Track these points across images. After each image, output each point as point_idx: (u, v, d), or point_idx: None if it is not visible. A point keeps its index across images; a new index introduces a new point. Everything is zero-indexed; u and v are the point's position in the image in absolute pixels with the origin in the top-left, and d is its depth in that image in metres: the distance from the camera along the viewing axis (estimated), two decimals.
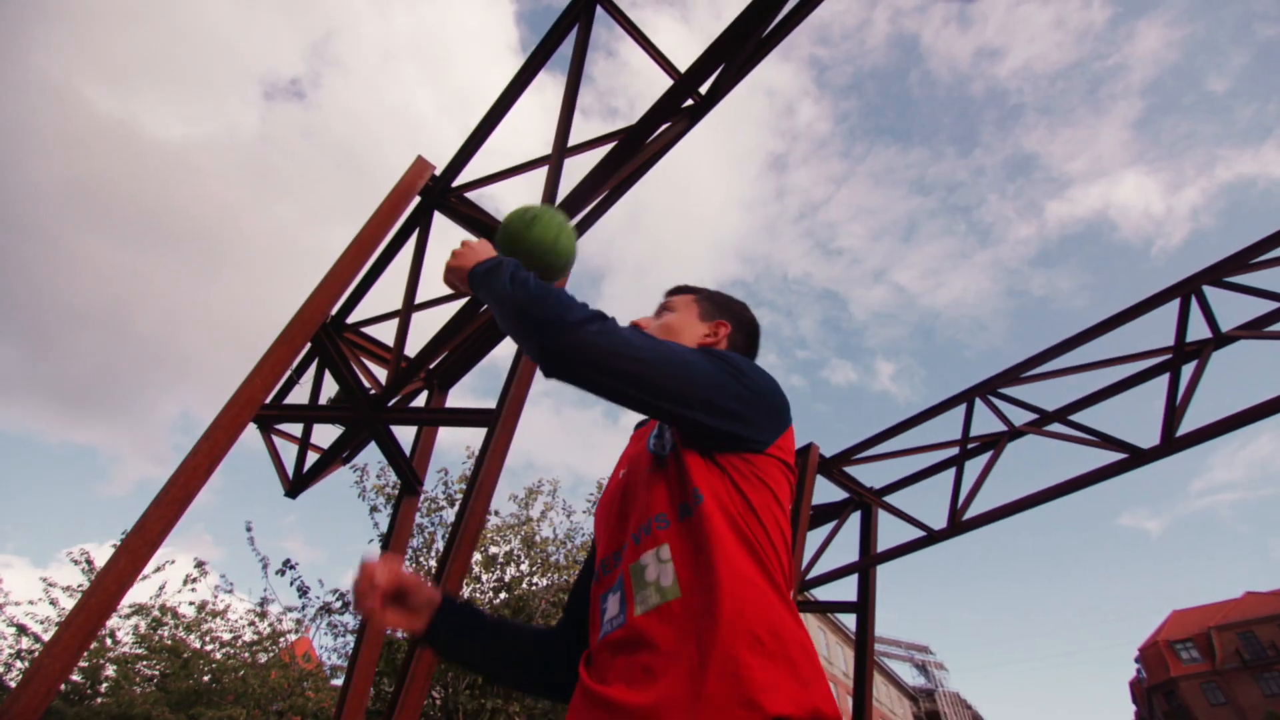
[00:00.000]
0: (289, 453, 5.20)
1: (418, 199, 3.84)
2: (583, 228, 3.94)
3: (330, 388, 4.88)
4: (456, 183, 3.85)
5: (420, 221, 3.92)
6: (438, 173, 3.86)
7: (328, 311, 3.51)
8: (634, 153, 3.18)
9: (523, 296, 0.98)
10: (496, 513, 6.84)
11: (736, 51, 2.91)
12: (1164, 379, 4.80)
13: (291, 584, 6.08)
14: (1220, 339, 4.64)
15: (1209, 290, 4.58)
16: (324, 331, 3.91)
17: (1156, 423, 4.61)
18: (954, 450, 5.61)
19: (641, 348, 0.94)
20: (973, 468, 5.58)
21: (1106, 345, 5.48)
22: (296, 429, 5.20)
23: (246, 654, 11.98)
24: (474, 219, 3.79)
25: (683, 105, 3.29)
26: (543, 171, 3.52)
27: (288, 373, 4.43)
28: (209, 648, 11.82)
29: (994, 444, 5.55)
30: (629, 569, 0.94)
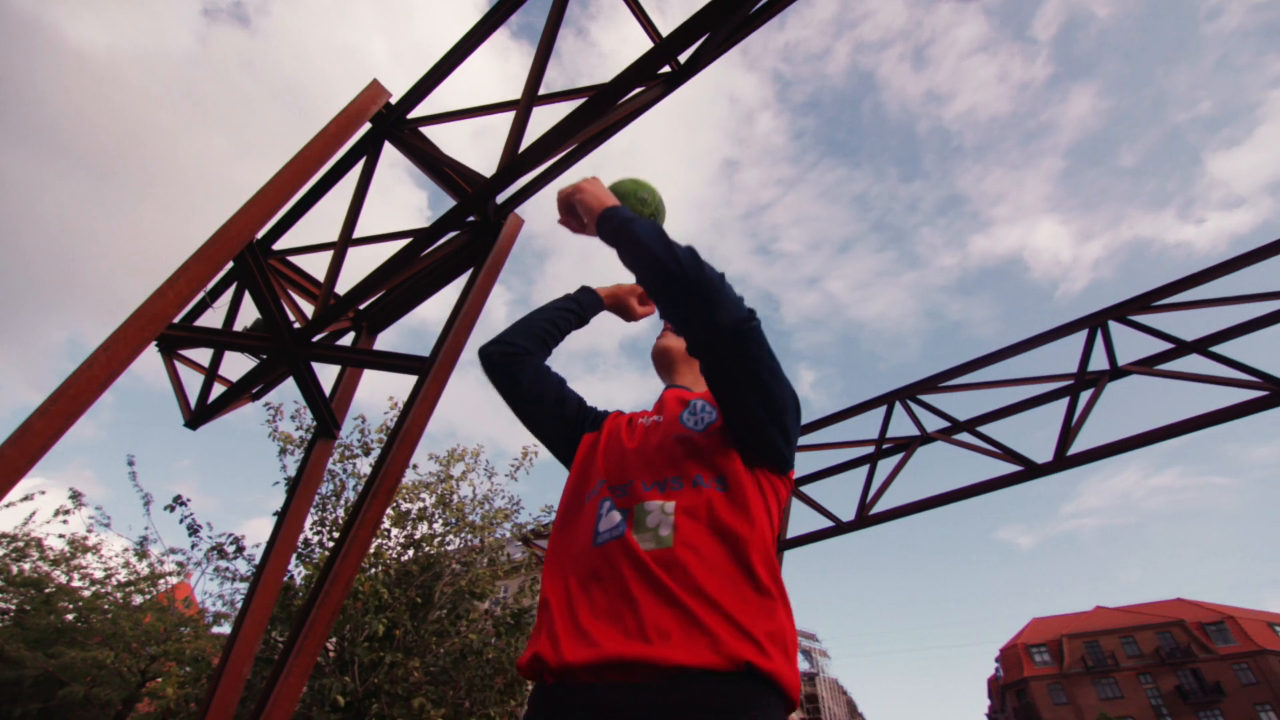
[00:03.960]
0: (193, 383, 4.83)
1: (368, 125, 3.61)
2: (541, 184, 3.83)
3: (246, 317, 4.56)
4: (413, 115, 3.64)
5: (368, 150, 3.69)
6: (393, 101, 3.64)
7: (256, 232, 3.25)
8: (604, 112, 3.09)
9: (696, 266, 1.03)
10: (415, 467, 6.64)
11: (722, 23, 2.87)
12: (1063, 402, 5.24)
13: (181, 521, 5.69)
14: (1116, 371, 5.06)
15: (1113, 325, 4.97)
16: (249, 253, 3.63)
17: (1049, 441, 5.02)
18: (869, 449, 5.89)
19: (774, 357, 1.06)
20: (884, 467, 5.88)
21: (1016, 366, 5.90)
22: (204, 356, 4.84)
23: (119, 594, 11.20)
24: (428, 155, 3.60)
25: (659, 71, 3.22)
26: (502, 118, 3.39)
27: (202, 293, 4.10)
28: (78, 584, 10.97)
29: (906, 446, 5.86)
30: (635, 507, 1.04)
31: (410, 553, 6.05)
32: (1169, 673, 38.07)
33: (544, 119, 3.20)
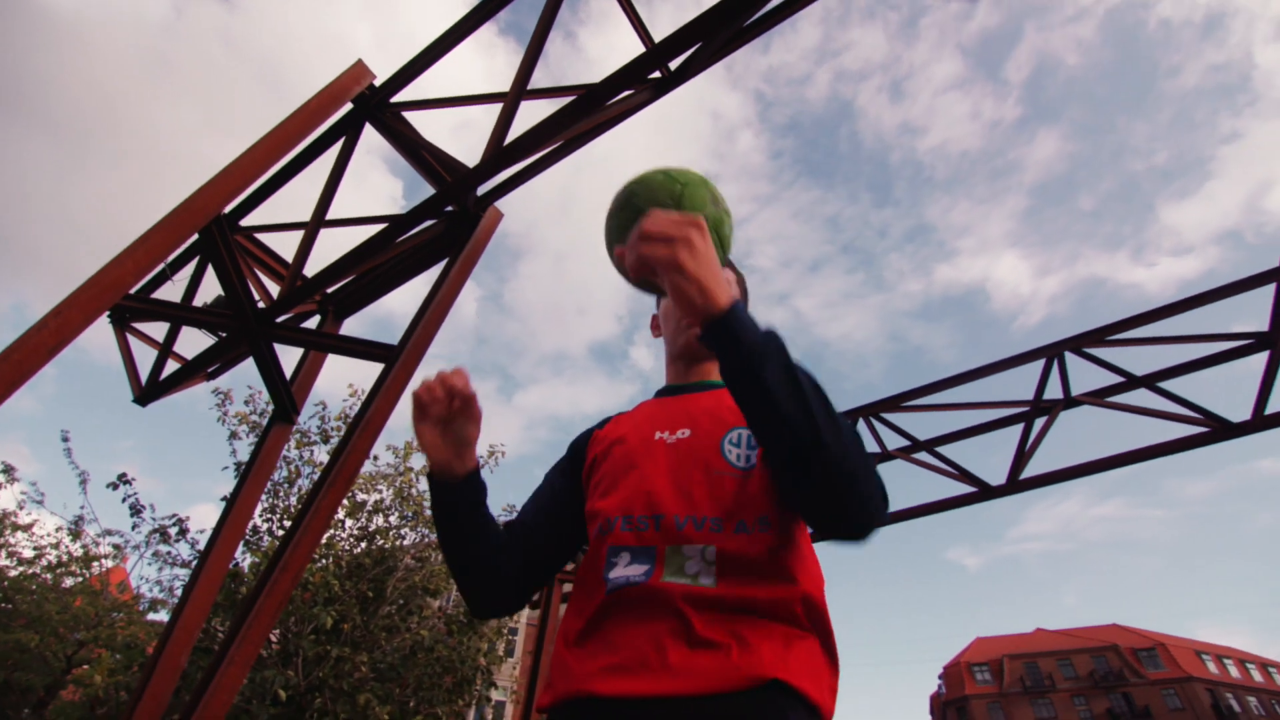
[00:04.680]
0: (145, 359, 4.65)
1: (350, 105, 3.54)
2: (523, 178, 3.80)
3: (208, 294, 4.41)
4: (396, 99, 3.59)
5: (348, 131, 3.62)
6: (377, 83, 3.58)
7: (224, 205, 3.15)
8: (592, 111, 3.09)
9: (850, 452, 0.77)
10: (375, 459, 6.51)
11: (715, 34, 2.90)
12: (1015, 428, 5.42)
13: (124, 500, 5.45)
14: (1069, 401, 5.24)
15: (1069, 357, 5.16)
16: (215, 226, 3.52)
17: (999, 464, 5.20)
18: None
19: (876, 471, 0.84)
20: None
21: (975, 390, 6.08)
22: (158, 331, 4.67)
23: (49, 575, 10.68)
24: (409, 140, 3.54)
25: (650, 76, 3.24)
26: (486, 114, 3.36)
27: (163, 265, 3.96)
28: (4, 563, 10.43)
29: None
30: (666, 549, 0.87)
31: (364, 545, 5.91)
32: (1101, 695, 39.44)
33: (529, 116, 3.18)
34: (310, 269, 4.00)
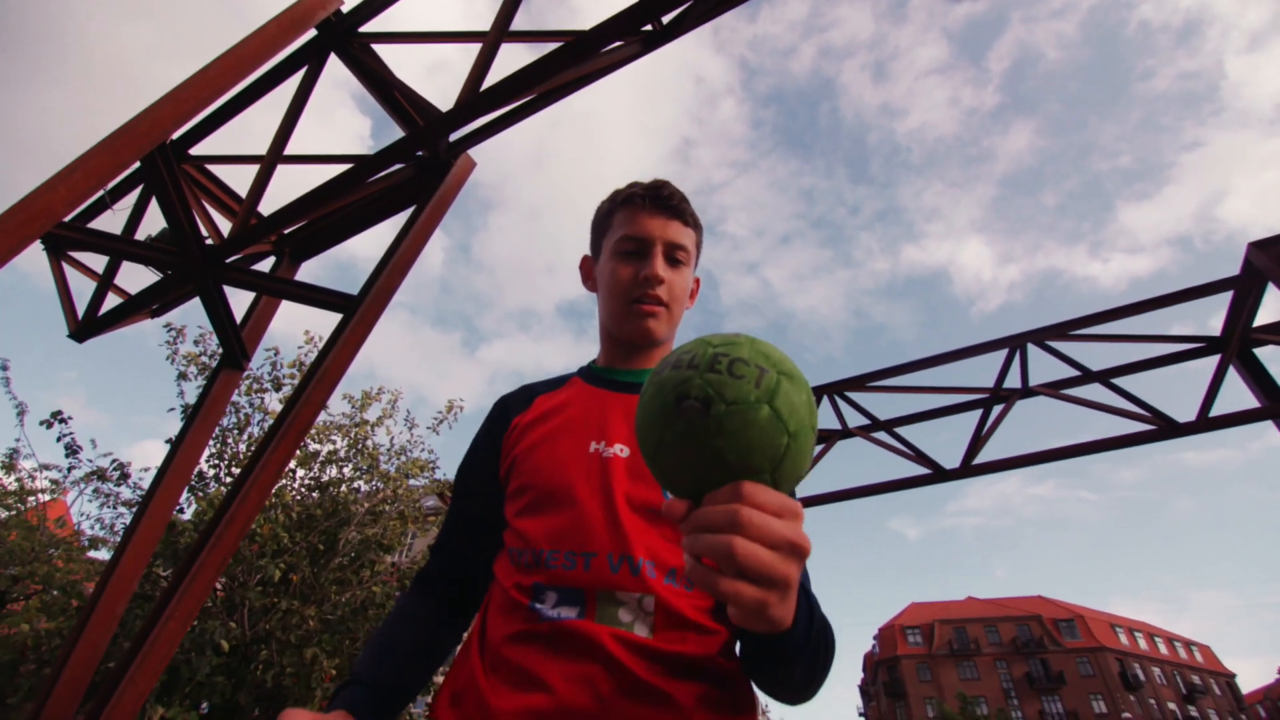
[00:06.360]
0: (83, 290, 4.35)
1: (313, 32, 3.27)
2: (499, 127, 3.60)
3: (152, 225, 4.13)
4: (365, 29, 3.32)
5: (311, 59, 3.35)
6: (344, 9, 3.31)
7: (172, 131, 2.89)
8: (579, 61, 2.91)
9: (825, 676, 0.73)
10: (329, 409, 6.30)
11: None
12: (972, 413, 5.56)
13: (59, 440, 5.16)
14: (1027, 390, 5.37)
15: (1031, 348, 5.26)
16: (161, 153, 3.25)
17: (946, 447, 5.34)
18: None
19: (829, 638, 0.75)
20: None
21: (933, 374, 6.18)
22: (99, 263, 4.36)
23: None
24: (379, 76, 3.30)
25: (641, 29, 3.06)
26: (462, 57, 3.14)
27: (102, 192, 3.67)
28: None
29: (827, 439, 6.05)
30: (598, 593, 0.79)
31: (316, 495, 5.77)
32: (1021, 660, 42.25)
33: (509, 61, 2.99)
34: (268, 207, 3.76)
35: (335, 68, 3.45)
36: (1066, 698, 40.13)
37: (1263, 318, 4.69)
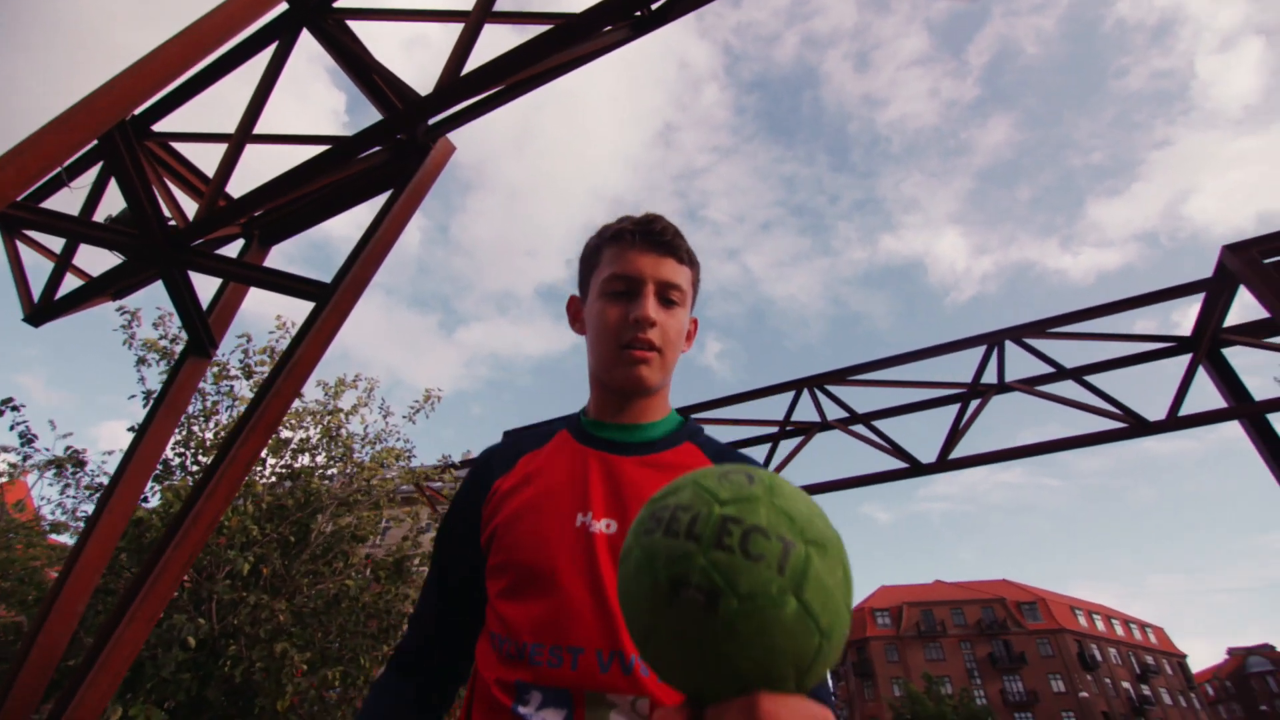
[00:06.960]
0: (40, 270, 4.15)
1: (285, 6, 3.11)
2: (480, 111, 3.49)
3: (113, 205, 3.93)
4: (341, 3, 3.17)
5: (282, 35, 3.19)
6: None
7: (133, 107, 2.73)
8: (565, 45, 2.81)
9: None
10: (302, 396, 6.14)
11: None
12: (949, 408, 5.64)
13: (12, 428, 4.94)
14: (1003, 387, 5.43)
15: (1008, 345, 5.31)
16: (120, 130, 3.08)
17: (920, 441, 5.41)
18: (773, 429, 6.06)
19: None
20: (784, 448, 6.08)
21: (909, 369, 6.24)
22: (57, 244, 4.16)
23: None
24: (354, 56, 3.16)
25: (631, 14, 2.96)
26: (443, 35, 3.01)
27: (59, 169, 3.48)
28: None
29: (806, 430, 6.08)
30: (586, 695, 0.71)
31: (286, 485, 5.63)
32: (985, 641, 43.59)
33: (491, 43, 2.88)
34: (237, 189, 3.61)
35: (310, 42, 3.30)
36: (1027, 677, 41.54)
37: (1231, 319, 4.79)
